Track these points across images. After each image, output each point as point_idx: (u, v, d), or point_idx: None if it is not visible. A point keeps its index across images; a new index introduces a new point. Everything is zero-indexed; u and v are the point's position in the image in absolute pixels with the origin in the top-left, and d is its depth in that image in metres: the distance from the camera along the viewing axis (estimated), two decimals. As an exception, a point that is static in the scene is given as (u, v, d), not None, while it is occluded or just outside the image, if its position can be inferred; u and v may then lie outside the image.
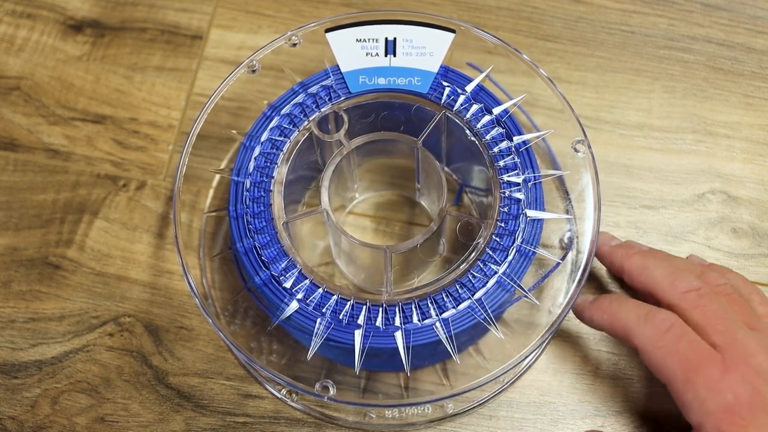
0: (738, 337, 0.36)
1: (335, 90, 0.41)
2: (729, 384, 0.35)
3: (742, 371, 0.35)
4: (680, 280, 0.38)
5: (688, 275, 0.38)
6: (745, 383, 0.35)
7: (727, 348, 0.36)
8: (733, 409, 0.34)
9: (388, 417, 0.41)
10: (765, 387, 0.35)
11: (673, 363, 0.36)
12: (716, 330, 0.36)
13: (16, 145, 0.48)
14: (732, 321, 0.37)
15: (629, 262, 0.40)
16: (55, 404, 0.42)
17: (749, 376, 0.35)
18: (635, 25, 0.51)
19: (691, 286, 0.38)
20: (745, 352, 0.36)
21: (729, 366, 0.35)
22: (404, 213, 0.46)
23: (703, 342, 0.36)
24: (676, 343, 0.36)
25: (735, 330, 0.36)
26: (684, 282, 0.38)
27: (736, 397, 0.34)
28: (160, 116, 0.49)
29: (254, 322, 0.43)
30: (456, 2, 0.52)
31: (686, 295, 0.38)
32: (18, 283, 0.45)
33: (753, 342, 0.36)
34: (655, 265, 0.39)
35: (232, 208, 0.39)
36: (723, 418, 0.34)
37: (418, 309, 0.37)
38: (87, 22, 0.52)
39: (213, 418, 0.41)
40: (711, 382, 0.35)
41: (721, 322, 0.37)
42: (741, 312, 0.38)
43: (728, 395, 0.34)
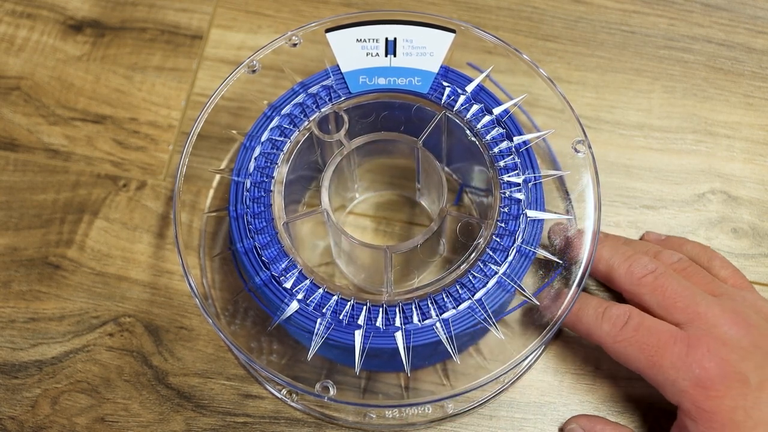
0: (700, 310, 0.36)
1: (335, 90, 0.41)
2: (695, 359, 0.35)
3: (707, 344, 0.35)
4: (635, 266, 0.39)
5: (642, 259, 0.39)
6: (711, 355, 0.35)
7: (690, 323, 0.36)
8: (705, 383, 0.35)
9: (388, 417, 0.41)
10: (732, 355, 0.35)
11: (636, 353, 0.36)
12: (677, 308, 0.37)
13: (16, 145, 0.48)
14: (692, 295, 0.37)
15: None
16: (55, 404, 0.42)
17: (715, 347, 0.35)
18: (635, 25, 0.51)
19: (647, 270, 0.38)
20: (708, 323, 0.36)
21: (693, 341, 0.35)
22: (404, 213, 0.46)
23: (664, 324, 0.37)
24: (635, 334, 0.37)
25: (696, 304, 0.37)
26: (639, 267, 0.39)
27: (705, 371, 0.35)
28: (160, 116, 0.49)
29: (254, 323, 0.43)
30: (456, 2, 0.52)
31: (643, 280, 0.38)
32: (18, 283, 0.45)
33: (717, 309, 0.36)
34: (610, 255, 0.40)
35: (233, 208, 0.39)
36: (697, 393, 0.35)
37: (419, 309, 0.37)
38: (87, 22, 0.52)
39: (213, 418, 0.41)
40: (677, 361, 0.35)
41: (681, 299, 0.37)
42: (701, 282, 0.39)
43: (696, 370, 0.35)
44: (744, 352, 0.35)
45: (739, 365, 0.35)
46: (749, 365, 0.35)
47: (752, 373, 0.35)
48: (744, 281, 0.41)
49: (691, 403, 0.35)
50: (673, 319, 0.37)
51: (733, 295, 0.39)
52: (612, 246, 0.41)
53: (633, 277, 0.39)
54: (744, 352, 0.35)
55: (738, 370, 0.35)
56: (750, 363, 0.35)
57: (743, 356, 0.35)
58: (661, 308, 0.37)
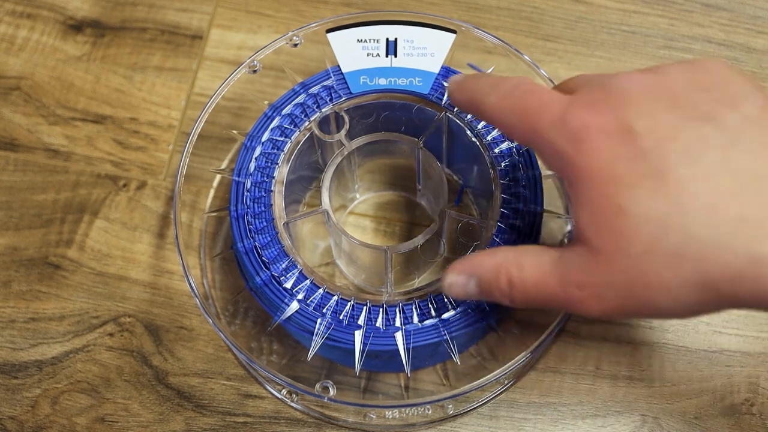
0: (590, 76, 0.33)
1: (336, 90, 0.41)
2: (575, 113, 0.30)
3: (590, 95, 0.30)
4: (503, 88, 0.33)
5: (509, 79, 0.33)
6: (592, 105, 0.30)
7: (582, 86, 0.32)
8: (581, 136, 0.29)
9: (388, 417, 0.41)
10: (617, 103, 0.30)
11: (517, 119, 0.31)
12: (572, 82, 0.33)
13: (16, 145, 0.48)
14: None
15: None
16: (55, 404, 0.42)
17: (599, 97, 0.30)
18: (635, 25, 0.51)
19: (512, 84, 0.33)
20: (602, 78, 0.31)
21: (577, 97, 0.31)
22: (405, 213, 0.46)
23: (554, 91, 0.32)
24: (518, 100, 0.32)
25: (586, 76, 0.33)
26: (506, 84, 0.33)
27: (582, 123, 0.29)
28: (160, 116, 0.49)
29: (254, 323, 0.43)
30: (456, 2, 0.52)
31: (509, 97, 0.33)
32: (18, 283, 0.45)
33: (605, 77, 0.31)
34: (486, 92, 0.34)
35: (233, 208, 0.39)
36: (573, 150, 0.30)
37: (419, 310, 0.37)
38: (87, 22, 0.52)
39: (213, 418, 0.42)
40: (557, 119, 0.30)
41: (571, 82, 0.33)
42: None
43: (574, 124, 0.30)
44: (635, 101, 0.29)
45: (623, 114, 0.29)
46: (637, 113, 0.29)
47: (640, 120, 0.29)
48: None
49: (569, 165, 0.30)
50: (565, 90, 0.32)
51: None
52: (482, 81, 0.35)
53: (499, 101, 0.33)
54: (632, 99, 0.30)
55: (621, 118, 0.29)
56: (639, 111, 0.29)
57: (630, 103, 0.29)
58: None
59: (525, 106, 0.31)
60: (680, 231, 0.27)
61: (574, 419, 0.41)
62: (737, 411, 0.41)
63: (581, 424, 0.41)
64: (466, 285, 0.33)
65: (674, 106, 0.29)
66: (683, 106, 0.29)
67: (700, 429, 0.41)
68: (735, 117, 0.28)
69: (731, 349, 0.43)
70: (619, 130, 0.29)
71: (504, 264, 0.32)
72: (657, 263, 0.28)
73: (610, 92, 0.30)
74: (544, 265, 0.31)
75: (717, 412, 0.41)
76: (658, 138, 0.28)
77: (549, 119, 0.30)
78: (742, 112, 0.28)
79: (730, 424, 0.41)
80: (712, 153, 0.28)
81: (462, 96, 0.35)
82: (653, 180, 0.28)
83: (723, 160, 0.27)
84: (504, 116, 0.32)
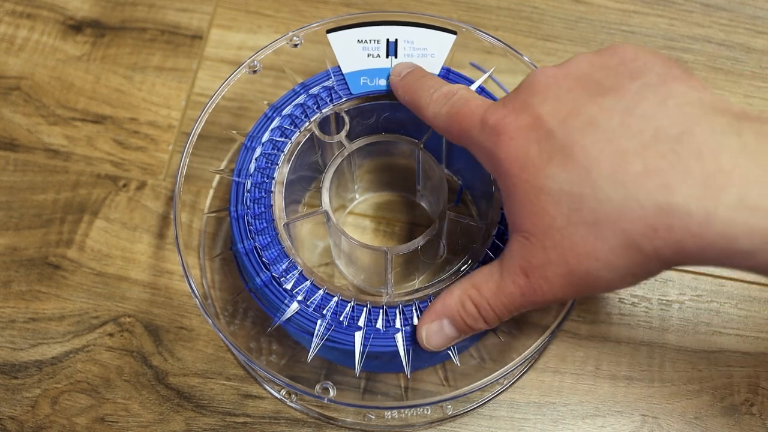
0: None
1: (336, 91, 0.41)
2: (494, 112, 0.32)
3: (514, 95, 0.32)
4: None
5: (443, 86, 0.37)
6: (510, 103, 0.32)
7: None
8: (499, 130, 0.31)
9: (388, 418, 0.41)
10: (533, 98, 0.31)
11: (451, 124, 0.34)
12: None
13: (16, 145, 0.48)
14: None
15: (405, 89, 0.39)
16: (55, 404, 0.42)
17: (519, 96, 0.32)
18: (635, 25, 0.51)
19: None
20: (528, 79, 0.32)
21: (503, 99, 0.32)
22: (405, 214, 0.46)
23: (484, 99, 0.34)
24: (451, 108, 0.35)
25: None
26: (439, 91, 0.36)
27: (500, 120, 0.31)
28: (160, 116, 0.49)
29: (254, 323, 0.43)
30: (456, 2, 0.52)
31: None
32: (18, 283, 0.45)
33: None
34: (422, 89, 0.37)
35: (233, 208, 0.39)
36: (493, 144, 0.31)
37: (419, 311, 0.37)
38: (87, 22, 0.52)
39: (213, 418, 0.42)
40: (481, 121, 0.32)
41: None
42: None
43: (492, 121, 0.32)
44: (543, 91, 0.31)
45: (531, 104, 0.31)
46: (544, 100, 0.31)
47: (546, 107, 0.30)
48: None
49: (493, 159, 0.31)
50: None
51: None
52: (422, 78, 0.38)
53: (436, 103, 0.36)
54: (539, 89, 0.31)
55: (529, 108, 0.31)
56: (546, 98, 0.31)
57: (537, 93, 0.31)
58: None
59: (458, 112, 0.34)
60: (592, 197, 0.28)
61: (574, 419, 0.41)
62: (737, 411, 0.41)
63: (581, 424, 0.41)
64: (441, 329, 0.35)
65: (578, 87, 0.30)
66: (586, 86, 0.30)
67: (700, 429, 0.41)
68: (636, 85, 0.29)
69: (731, 349, 0.43)
70: (529, 118, 0.31)
71: (463, 293, 0.34)
72: (581, 233, 0.29)
73: (521, 88, 0.32)
74: (493, 275, 0.33)
75: (717, 412, 0.41)
76: (562, 117, 0.30)
77: (475, 122, 0.33)
78: (643, 81, 0.29)
79: (730, 424, 0.41)
80: (613, 120, 0.29)
81: (405, 95, 0.38)
82: (562, 155, 0.29)
83: (623, 124, 0.29)
84: (440, 122, 0.35)
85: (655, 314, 0.44)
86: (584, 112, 0.29)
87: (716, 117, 0.28)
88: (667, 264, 0.29)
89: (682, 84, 0.29)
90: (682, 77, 0.30)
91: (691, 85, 0.29)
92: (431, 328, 0.35)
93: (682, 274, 0.45)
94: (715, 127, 0.27)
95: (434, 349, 0.35)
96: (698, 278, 0.45)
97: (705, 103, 0.29)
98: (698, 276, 0.45)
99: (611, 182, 0.28)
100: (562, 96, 0.30)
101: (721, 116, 0.28)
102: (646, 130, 0.28)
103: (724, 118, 0.28)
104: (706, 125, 0.28)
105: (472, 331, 0.34)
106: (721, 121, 0.28)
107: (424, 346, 0.35)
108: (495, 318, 0.33)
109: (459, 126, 0.34)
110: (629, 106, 0.29)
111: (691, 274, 0.45)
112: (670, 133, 0.28)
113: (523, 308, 0.33)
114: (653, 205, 0.27)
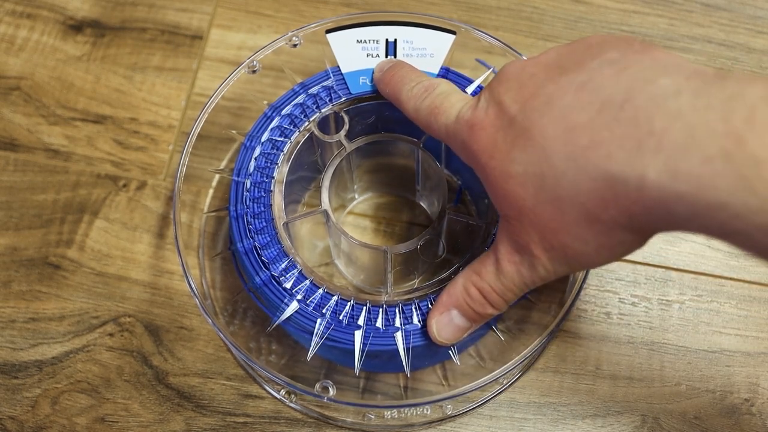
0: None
1: (336, 91, 0.41)
2: (471, 104, 0.33)
3: (488, 89, 0.33)
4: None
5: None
6: (485, 95, 0.32)
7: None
8: (473, 122, 0.32)
9: (387, 417, 0.41)
10: (503, 87, 0.32)
11: (432, 119, 0.35)
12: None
13: (16, 145, 0.48)
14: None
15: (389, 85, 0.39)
16: (55, 404, 0.42)
17: (493, 87, 0.32)
18: (635, 25, 0.51)
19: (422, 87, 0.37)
20: (500, 74, 0.33)
21: (480, 94, 0.33)
22: (404, 214, 0.46)
23: (464, 94, 0.35)
24: (432, 101, 0.35)
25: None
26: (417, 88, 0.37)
27: (474, 112, 0.32)
28: (160, 116, 0.49)
29: (254, 323, 0.43)
30: (456, 2, 0.52)
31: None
32: (18, 283, 0.45)
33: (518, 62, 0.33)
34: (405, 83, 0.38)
35: (233, 208, 0.39)
36: (467, 136, 0.32)
37: (419, 310, 0.37)
38: (87, 22, 0.52)
39: (213, 418, 0.42)
40: (457, 114, 0.33)
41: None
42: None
43: (467, 115, 0.33)
44: (507, 80, 0.32)
45: (498, 93, 0.32)
46: (508, 90, 0.31)
47: (510, 96, 0.31)
48: None
49: (470, 152, 0.32)
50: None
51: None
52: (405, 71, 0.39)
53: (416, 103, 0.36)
54: (507, 79, 0.32)
55: (497, 98, 0.32)
56: (510, 89, 0.31)
57: (504, 83, 0.32)
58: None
59: (437, 107, 0.35)
60: (551, 175, 0.29)
61: (574, 419, 0.41)
62: (737, 411, 0.41)
63: (581, 424, 0.41)
64: (451, 321, 0.35)
65: (541, 72, 0.31)
66: (548, 70, 0.31)
67: (700, 429, 0.41)
68: (596, 63, 0.29)
69: (731, 349, 0.43)
70: (496, 107, 0.31)
71: (466, 281, 0.35)
72: (548, 210, 0.30)
73: (492, 81, 0.33)
74: (491, 258, 0.34)
75: (717, 412, 0.41)
76: (522, 101, 0.30)
77: (452, 117, 0.34)
78: (604, 58, 0.29)
79: (730, 424, 0.41)
80: (567, 97, 0.29)
81: (386, 88, 0.39)
82: (523, 138, 0.30)
83: (576, 99, 0.29)
84: (420, 116, 0.36)
85: (655, 314, 0.44)
86: (542, 93, 0.30)
87: (665, 79, 0.27)
88: (634, 231, 0.28)
89: (642, 54, 0.29)
90: (644, 49, 0.29)
91: (654, 56, 0.29)
92: (441, 321, 0.35)
93: (682, 274, 0.45)
94: (657, 90, 0.27)
95: (447, 342, 0.36)
96: (698, 278, 0.45)
97: (663, 66, 0.28)
98: (698, 276, 0.45)
99: (564, 158, 0.28)
100: (525, 81, 0.31)
101: (671, 77, 0.27)
102: (595, 102, 0.28)
103: (670, 79, 0.27)
104: (650, 89, 0.27)
105: (482, 318, 0.35)
106: (666, 83, 0.27)
107: (437, 341, 0.36)
108: (500, 301, 0.34)
109: (437, 121, 0.35)
110: (584, 81, 0.29)
111: (691, 274, 0.45)
112: (615, 102, 0.28)
113: (525, 287, 0.33)
114: (601, 176, 0.27)
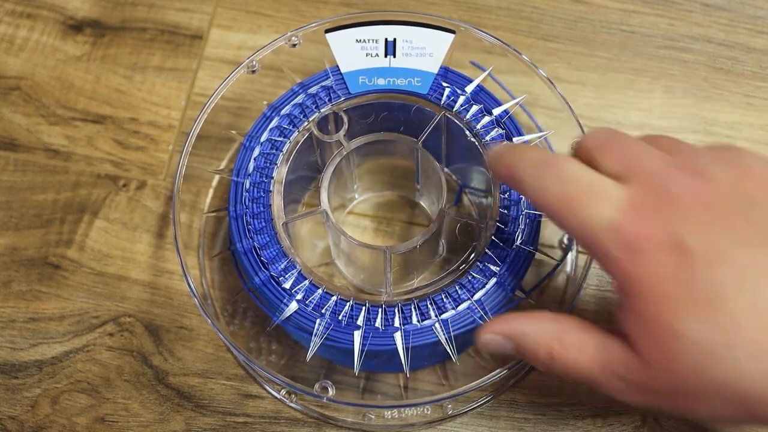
0: (643, 162, 0.31)
1: (335, 90, 0.41)
2: (628, 218, 0.30)
3: (644, 198, 0.30)
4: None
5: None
6: (647, 214, 0.30)
7: (629, 176, 0.31)
8: (634, 247, 0.29)
9: (387, 417, 0.41)
10: (674, 216, 0.29)
11: (560, 205, 0.31)
12: (613, 157, 0.32)
13: (16, 145, 0.48)
14: (637, 148, 0.32)
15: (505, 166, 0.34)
16: (55, 404, 0.42)
17: (654, 204, 0.30)
18: (635, 25, 0.51)
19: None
20: (652, 176, 0.31)
21: (629, 196, 0.30)
22: (404, 213, 0.46)
23: (601, 177, 0.31)
24: (563, 184, 0.31)
25: (639, 155, 0.32)
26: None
27: (637, 231, 0.29)
28: (160, 116, 0.49)
29: (253, 323, 0.43)
30: (456, 2, 0.52)
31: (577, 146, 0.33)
32: (18, 283, 0.45)
33: (665, 161, 0.31)
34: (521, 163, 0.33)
35: (232, 208, 0.39)
36: (625, 258, 0.29)
37: (418, 310, 0.37)
38: (87, 22, 0.52)
39: (213, 418, 0.42)
40: (608, 221, 0.30)
41: (622, 150, 0.32)
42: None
43: (627, 230, 0.29)
44: (689, 213, 0.29)
45: (677, 228, 0.29)
46: (692, 228, 0.29)
47: (694, 238, 0.29)
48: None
49: (622, 273, 0.30)
50: (609, 171, 0.31)
51: (697, 152, 0.32)
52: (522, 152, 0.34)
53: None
54: (685, 212, 0.29)
55: (675, 233, 0.29)
56: (694, 226, 0.29)
57: (682, 217, 0.29)
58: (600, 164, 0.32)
59: (570, 196, 0.31)
60: (728, 364, 0.28)
61: (574, 419, 0.41)
62: (737, 411, 0.41)
63: (581, 424, 0.41)
64: (502, 345, 0.34)
65: (726, 224, 0.29)
66: (734, 225, 0.29)
67: (701, 429, 0.41)
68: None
69: (731, 349, 0.43)
70: (673, 245, 0.29)
71: (545, 337, 0.32)
72: (700, 386, 0.29)
73: (662, 198, 0.30)
74: (586, 348, 0.31)
75: (717, 412, 0.41)
76: (711, 260, 0.28)
77: (602, 222, 0.30)
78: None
79: (729, 424, 0.41)
80: (764, 283, 0.28)
81: (501, 170, 0.34)
82: (705, 307, 0.28)
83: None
84: (547, 203, 0.31)
85: (655, 314, 0.44)
86: (735, 264, 0.28)
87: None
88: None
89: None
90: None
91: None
92: (496, 341, 0.34)
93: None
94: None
95: (484, 352, 0.36)
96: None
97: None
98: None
99: (750, 357, 0.27)
100: (711, 230, 0.29)
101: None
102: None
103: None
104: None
105: (530, 363, 0.35)
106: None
107: (480, 348, 0.36)
108: (560, 375, 0.32)
109: (574, 214, 0.31)
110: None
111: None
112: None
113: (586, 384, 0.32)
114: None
